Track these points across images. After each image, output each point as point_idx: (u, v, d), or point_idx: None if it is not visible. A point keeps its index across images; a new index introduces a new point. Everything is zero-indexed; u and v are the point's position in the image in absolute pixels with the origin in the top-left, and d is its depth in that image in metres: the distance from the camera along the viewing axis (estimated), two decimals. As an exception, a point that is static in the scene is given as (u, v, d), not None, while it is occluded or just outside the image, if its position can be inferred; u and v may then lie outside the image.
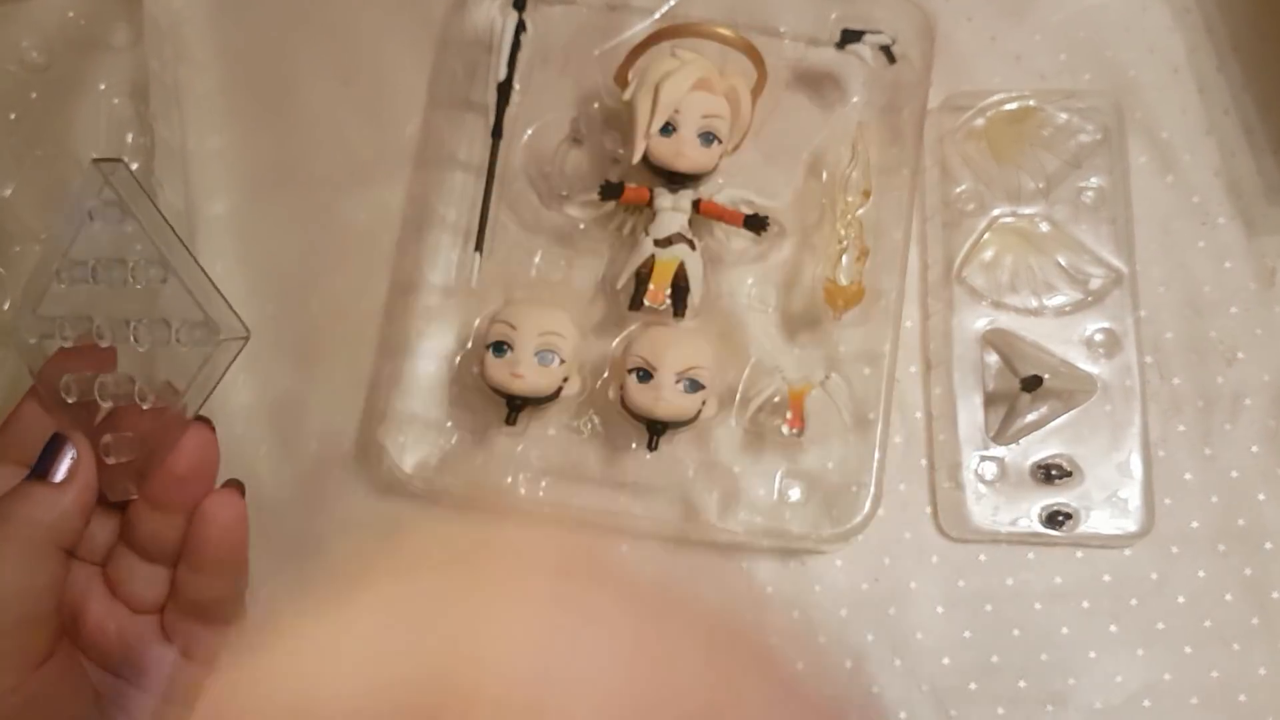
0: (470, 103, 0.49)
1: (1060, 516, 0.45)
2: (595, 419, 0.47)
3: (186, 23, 0.53)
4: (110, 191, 0.33)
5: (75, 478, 0.32)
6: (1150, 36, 0.52)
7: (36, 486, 0.32)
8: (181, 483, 0.34)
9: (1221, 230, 0.49)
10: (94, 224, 0.33)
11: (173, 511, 0.34)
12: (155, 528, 0.34)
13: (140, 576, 0.35)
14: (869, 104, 0.49)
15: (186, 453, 0.34)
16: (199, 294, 0.33)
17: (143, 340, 0.33)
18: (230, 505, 0.35)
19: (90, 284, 0.34)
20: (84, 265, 0.34)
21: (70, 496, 0.32)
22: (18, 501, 0.31)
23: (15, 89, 0.51)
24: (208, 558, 0.35)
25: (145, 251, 0.33)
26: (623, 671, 0.22)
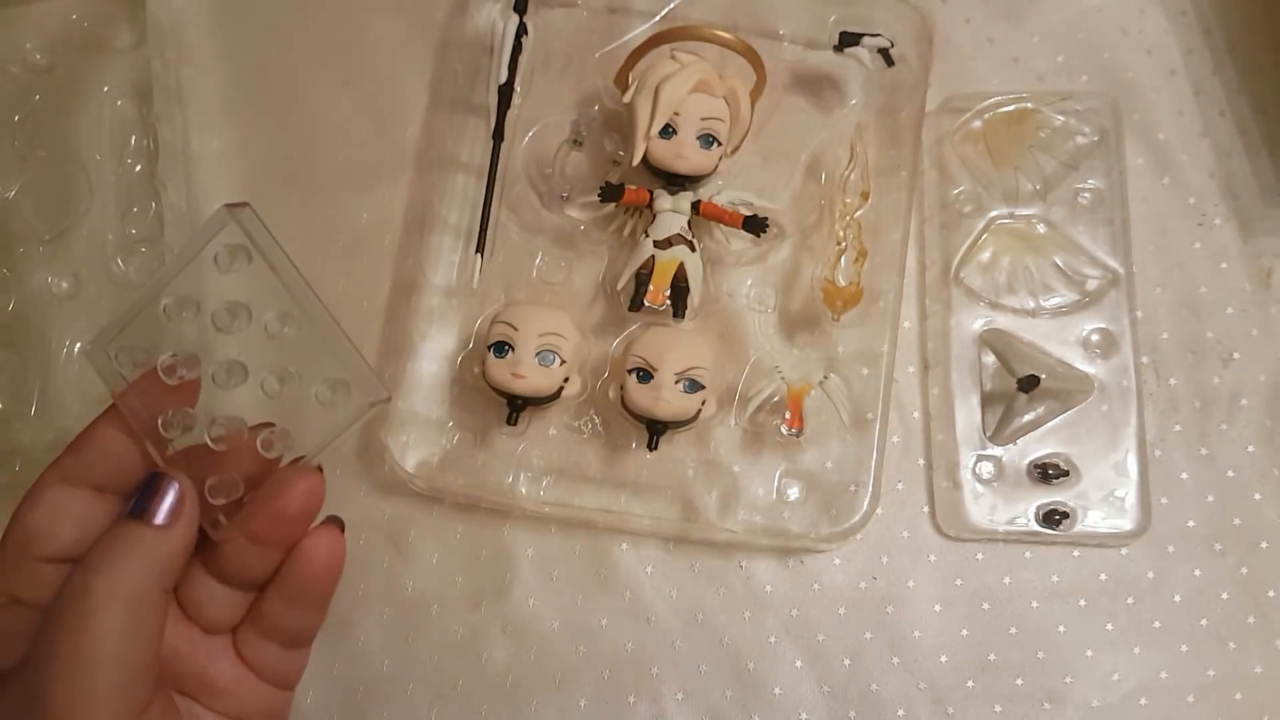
0: (471, 105, 0.50)
1: (1057, 516, 0.45)
2: (595, 419, 0.47)
3: (189, 24, 0.54)
4: (239, 234, 0.32)
5: (179, 520, 0.31)
6: (1147, 39, 0.52)
7: (141, 529, 0.30)
8: (290, 523, 0.34)
9: (1218, 231, 0.50)
10: (215, 265, 0.32)
11: (270, 547, 0.34)
12: (246, 559, 0.34)
13: (220, 600, 0.35)
14: (867, 106, 0.50)
15: (300, 496, 0.33)
16: (342, 352, 0.32)
17: (269, 388, 0.33)
18: (333, 543, 0.35)
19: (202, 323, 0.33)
20: (197, 303, 0.33)
21: (175, 539, 0.31)
22: (120, 546, 0.30)
23: (19, 90, 0.51)
24: (305, 592, 0.35)
25: (279, 301, 0.32)
26: None
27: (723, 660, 0.46)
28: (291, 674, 0.37)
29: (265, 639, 0.35)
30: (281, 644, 0.36)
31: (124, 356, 0.33)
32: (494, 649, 0.46)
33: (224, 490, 0.32)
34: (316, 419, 0.33)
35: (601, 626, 0.46)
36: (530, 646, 0.46)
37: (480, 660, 0.46)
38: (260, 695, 0.36)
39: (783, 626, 0.46)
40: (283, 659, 0.36)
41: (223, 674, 0.35)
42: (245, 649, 0.36)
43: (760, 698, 0.45)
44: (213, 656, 0.35)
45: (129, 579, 0.30)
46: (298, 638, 0.36)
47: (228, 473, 0.32)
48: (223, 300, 0.33)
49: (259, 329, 0.33)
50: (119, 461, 0.32)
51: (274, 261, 0.32)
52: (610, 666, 0.46)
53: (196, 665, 0.35)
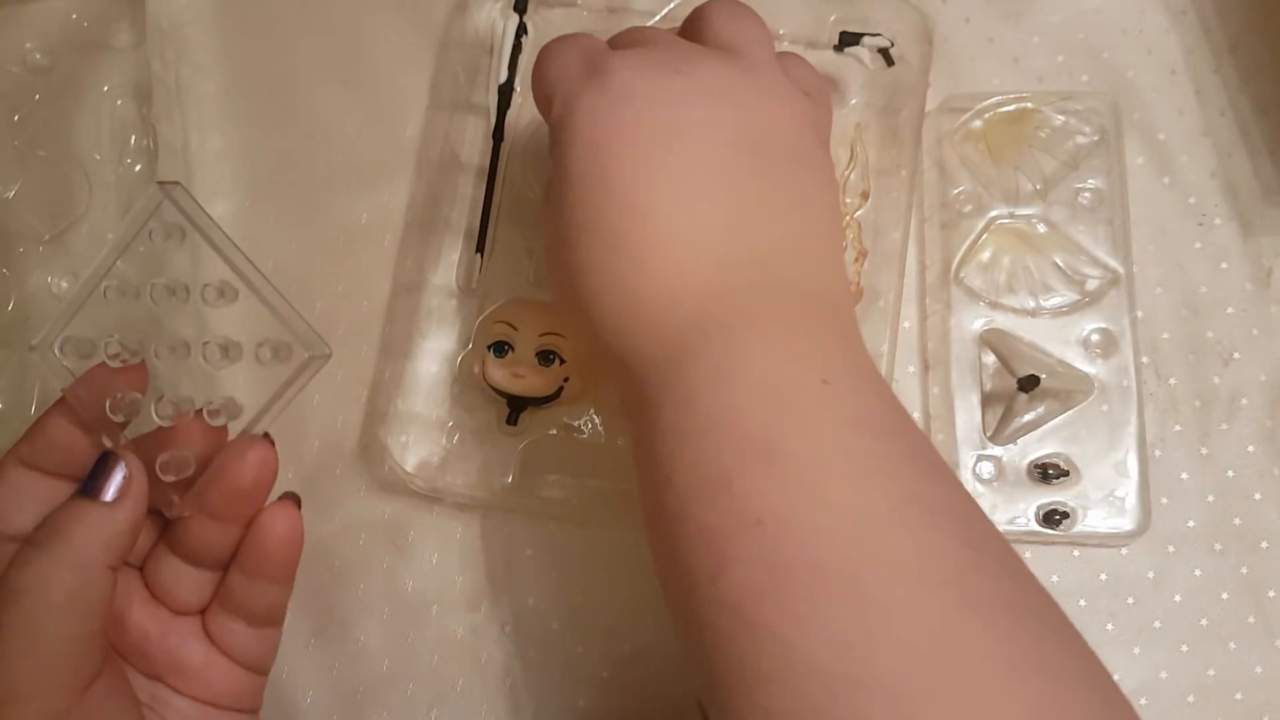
0: (471, 105, 0.50)
1: (1057, 515, 0.45)
2: (595, 419, 0.47)
3: (189, 24, 0.54)
4: (172, 211, 0.33)
5: (127, 496, 0.31)
6: (1148, 38, 0.52)
7: (88, 505, 0.31)
8: (244, 496, 0.34)
9: (1218, 231, 0.50)
10: (152, 244, 0.33)
11: (228, 521, 0.35)
12: (207, 536, 0.35)
13: (185, 580, 0.36)
14: (867, 106, 0.50)
15: (251, 468, 0.34)
16: (281, 312, 0.33)
17: (212, 359, 0.34)
18: (288, 518, 0.35)
19: (143, 304, 0.34)
20: (137, 285, 0.34)
21: (122, 515, 0.31)
22: (67, 521, 0.31)
23: (18, 90, 0.51)
24: (264, 567, 0.35)
25: (216, 271, 0.33)
26: None
27: (723, 660, 0.46)
28: (262, 656, 0.37)
29: (232, 617, 0.36)
30: (249, 621, 0.36)
31: (69, 348, 0.34)
32: (494, 649, 0.46)
33: (175, 467, 0.33)
34: (263, 384, 0.34)
35: (601, 626, 0.46)
36: (530, 646, 0.46)
37: (480, 660, 0.46)
38: (231, 677, 0.36)
39: (783, 626, 0.46)
40: (251, 638, 0.36)
41: (193, 655, 0.36)
42: (214, 629, 0.36)
43: (760, 698, 0.45)
44: (182, 637, 0.36)
45: (73, 553, 0.30)
46: (264, 615, 0.37)
47: (178, 451, 0.33)
48: (161, 279, 0.34)
49: (197, 303, 0.34)
50: (68, 451, 0.33)
51: (210, 235, 0.33)
52: (610, 666, 0.46)
53: (166, 646, 0.35)
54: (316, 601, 0.46)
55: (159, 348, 0.34)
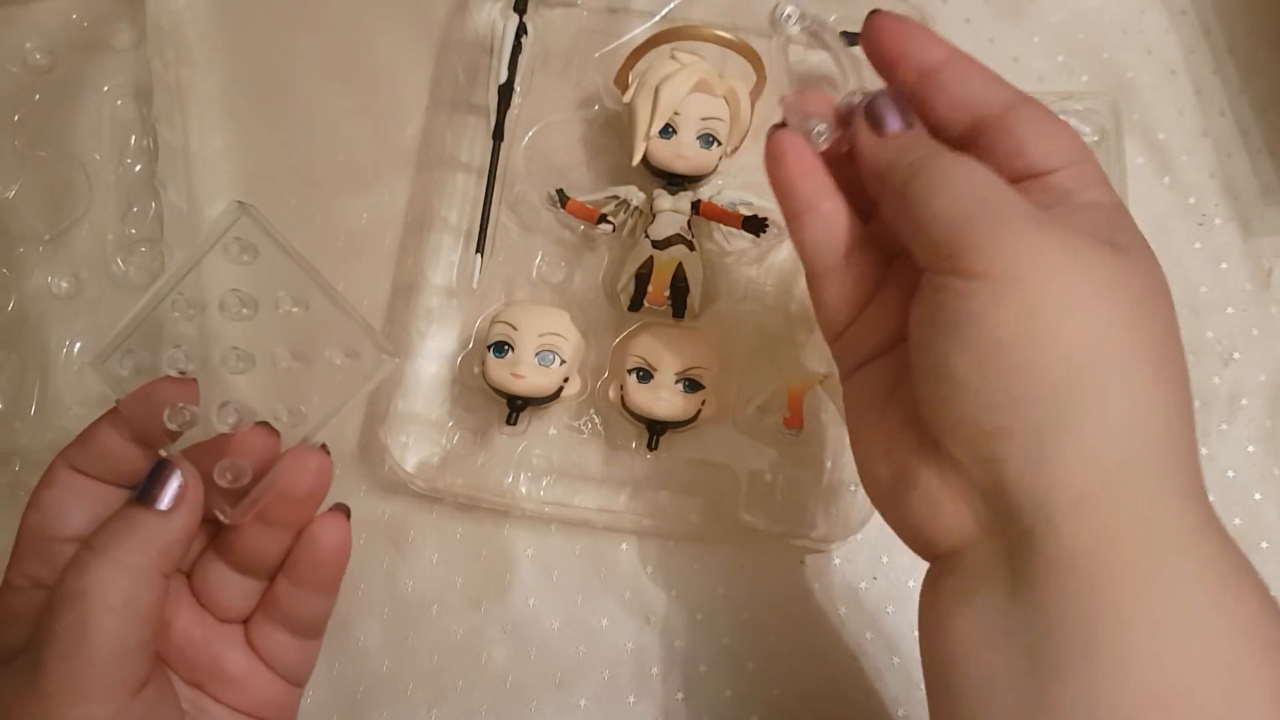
0: (471, 105, 0.50)
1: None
2: (595, 419, 0.47)
3: (189, 24, 0.54)
4: (246, 226, 0.34)
5: (182, 505, 0.32)
6: (1148, 38, 0.52)
7: (143, 513, 0.31)
8: (299, 504, 0.35)
9: (1218, 231, 0.50)
10: (223, 259, 0.34)
11: (280, 529, 0.35)
12: (257, 543, 0.35)
13: (233, 587, 0.36)
14: (868, 106, 0.50)
15: (309, 475, 0.34)
16: (355, 318, 0.34)
17: (280, 365, 0.34)
18: (339, 528, 0.36)
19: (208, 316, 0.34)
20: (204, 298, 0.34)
21: (176, 524, 0.32)
22: (122, 528, 0.31)
23: (18, 90, 0.51)
24: (313, 575, 0.36)
25: (285, 282, 0.34)
26: None
27: (723, 660, 0.46)
28: (301, 668, 0.38)
29: (276, 626, 0.36)
30: (292, 632, 0.36)
31: (126, 360, 0.34)
32: (494, 649, 0.46)
33: (232, 475, 0.33)
34: (329, 390, 0.34)
35: (601, 626, 0.46)
36: (530, 646, 0.46)
37: (480, 660, 0.46)
38: (270, 688, 0.36)
39: (783, 626, 0.46)
40: (293, 649, 0.37)
41: (234, 663, 0.36)
42: (257, 637, 0.36)
43: (760, 698, 0.45)
44: (226, 645, 0.36)
45: (128, 559, 0.31)
46: (308, 626, 0.37)
47: (236, 459, 0.33)
48: (231, 289, 0.34)
49: (269, 312, 0.34)
50: (117, 459, 0.33)
51: (287, 247, 0.34)
52: (610, 666, 0.46)
53: (209, 653, 0.35)
54: (316, 601, 0.46)
55: (227, 354, 0.34)
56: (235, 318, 0.34)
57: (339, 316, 0.34)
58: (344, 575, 0.37)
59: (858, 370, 0.35)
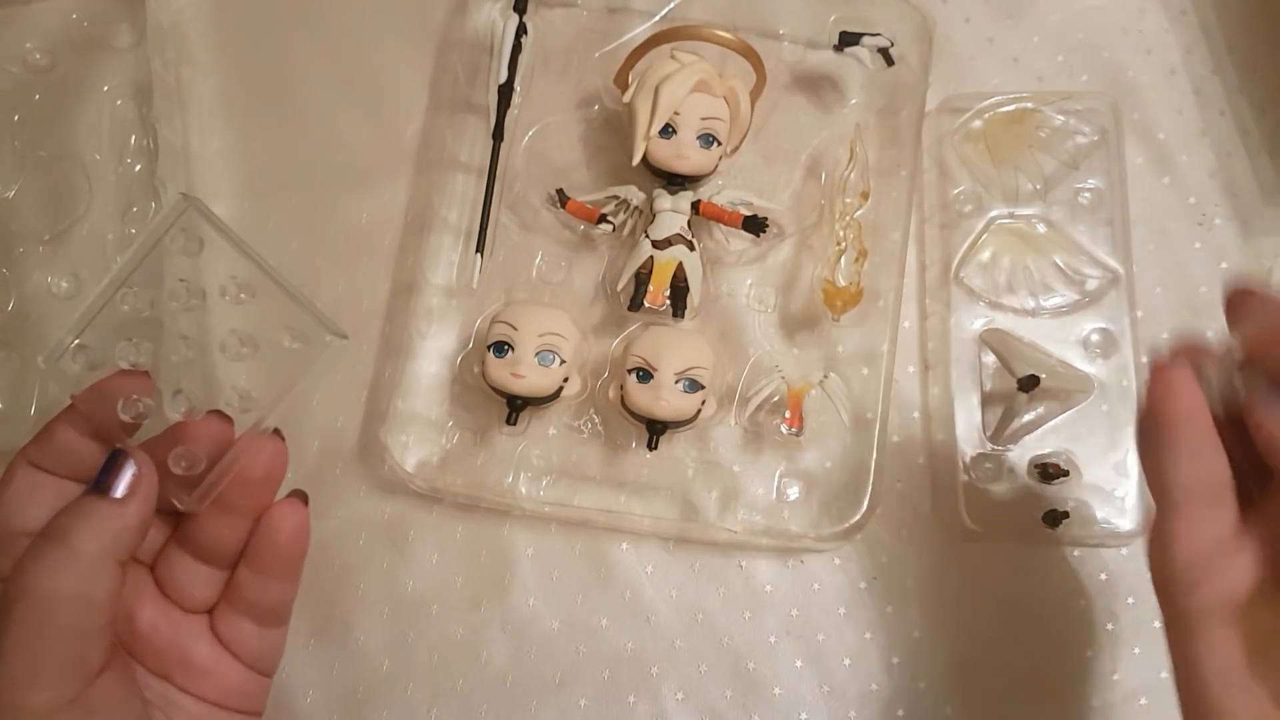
0: (471, 104, 0.50)
1: (1057, 515, 0.45)
2: (595, 419, 0.47)
3: (189, 24, 0.54)
4: (190, 219, 0.34)
5: (136, 493, 0.32)
6: (1147, 38, 0.52)
7: (97, 502, 0.32)
8: (254, 488, 0.35)
9: (1218, 231, 0.50)
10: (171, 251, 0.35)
11: (238, 516, 0.36)
12: (217, 531, 0.35)
13: (195, 577, 0.36)
14: (867, 106, 0.50)
15: (263, 460, 0.35)
16: (302, 301, 0.34)
17: (231, 352, 0.35)
18: (295, 514, 0.36)
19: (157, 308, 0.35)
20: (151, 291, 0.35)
21: (131, 511, 0.32)
22: (77, 517, 0.32)
23: (18, 90, 0.51)
24: (272, 562, 0.36)
25: (233, 270, 0.35)
26: None
27: (723, 660, 0.46)
28: (267, 656, 0.38)
29: (240, 615, 0.37)
30: (256, 620, 0.37)
31: (79, 356, 0.35)
32: (494, 649, 0.46)
33: (186, 462, 0.33)
34: (280, 373, 0.35)
35: (601, 626, 0.46)
36: (530, 646, 0.46)
37: (480, 660, 0.46)
38: (237, 678, 0.37)
39: (783, 626, 0.46)
40: (258, 637, 0.37)
41: (200, 653, 0.36)
42: (222, 627, 0.37)
43: (760, 698, 0.45)
44: (191, 635, 0.36)
45: (82, 546, 0.31)
46: (271, 613, 0.37)
47: (190, 447, 0.34)
48: (180, 279, 0.35)
49: (217, 301, 0.35)
50: (76, 455, 0.34)
51: (233, 237, 0.35)
52: (610, 666, 0.46)
53: (175, 643, 0.36)
54: (316, 601, 0.46)
55: (174, 347, 0.35)
56: (185, 308, 0.35)
57: (287, 302, 0.34)
58: (304, 559, 0.37)
59: (1214, 620, 0.32)
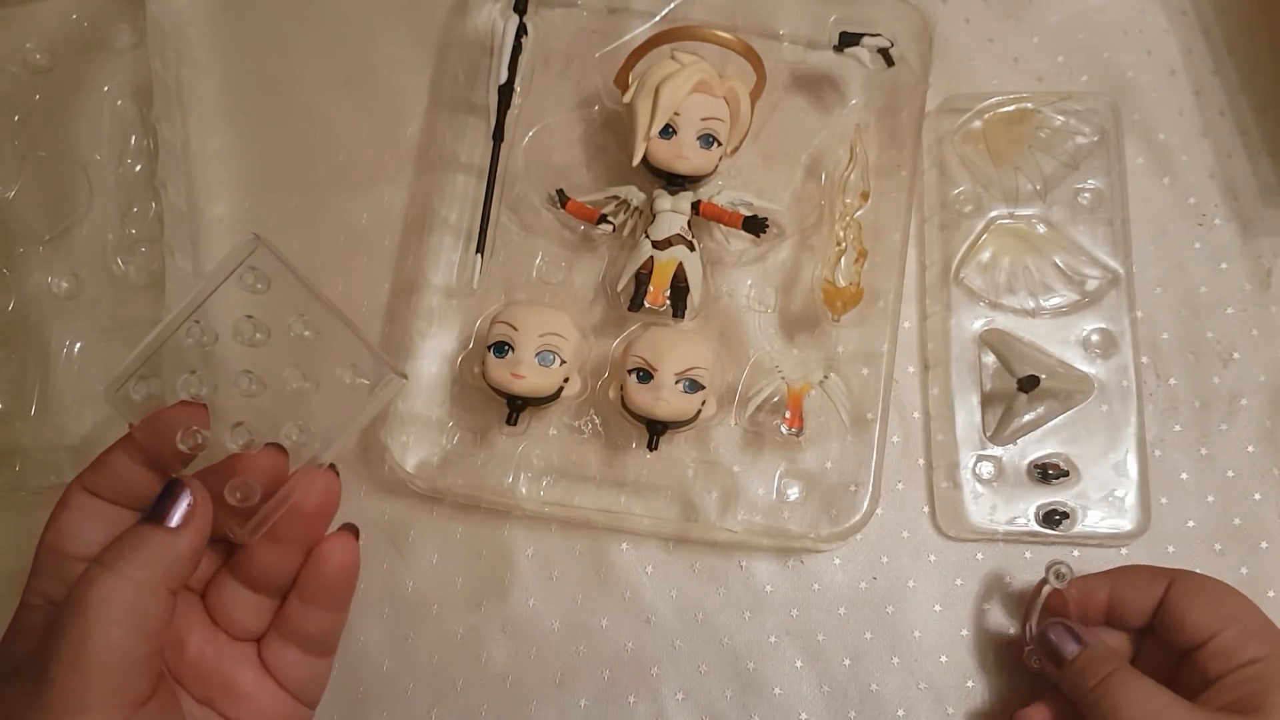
0: (471, 105, 0.50)
1: (1057, 516, 0.45)
2: (595, 419, 0.47)
3: (189, 24, 0.54)
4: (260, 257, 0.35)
5: (190, 523, 0.32)
6: (1147, 39, 0.52)
7: (152, 530, 0.32)
8: (307, 521, 0.36)
9: (1218, 231, 0.50)
10: (238, 288, 0.35)
11: (289, 547, 0.36)
12: (268, 561, 0.36)
13: (245, 606, 0.37)
14: (867, 106, 0.50)
15: (316, 494, 0.35)
16: (364, 340, 0.35)
17: (291, 387, 0.35)
18: (347, 547, 0.37)
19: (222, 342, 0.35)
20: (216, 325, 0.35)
21: (185, 541, 0.32)
22: (132, 545, 0.32)
23: (18, 90, 0.51)
24: (321, 593, 0.36)
25: (297, 307, 0.35)
26: None
27: (723, 660, 0.46)
28: (312, 686, 0.38)
29: (288, 644, 0.37)
30: (303, 649, 0.37)
31: (140, 386, 0.35)
32: (494, 649, 0.46)
33: (241, 494, 0.34)
34: (338, 410, 0.35)
35: (601, 626, 0.46)
36: (530, 646, 0.46)
37: (480, 660, 0.46)
38: (281, 706, 0.37)
39: (783, 626, 0.46)
40: (304, 667, 0.37)
41: (246, 680, 0.36)
42: (269, 655, 0.37)
43: (760, 698, 0.45)
44: (238, 662, 0.36)
45: (135, 573, 0.31)
46: (319, 643, 0.37)
47: (245, 478, 0.34)
48: (245, 315, 0.35)
49: (281, 337, 0.35)
50: (131, 484, 0.34)
51: (299, 275, 0.35)
52: (610, 666, 0.46)
53: (221, 670, 0.36)
54: (317, 601, 0.46)
55: (236, 381, 0.35)
56: (248, 343, 0.35)
57: (349, 339, 0.35)
58: (353, 591, 0.37)
59: None
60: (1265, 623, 0.39)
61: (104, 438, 0.47)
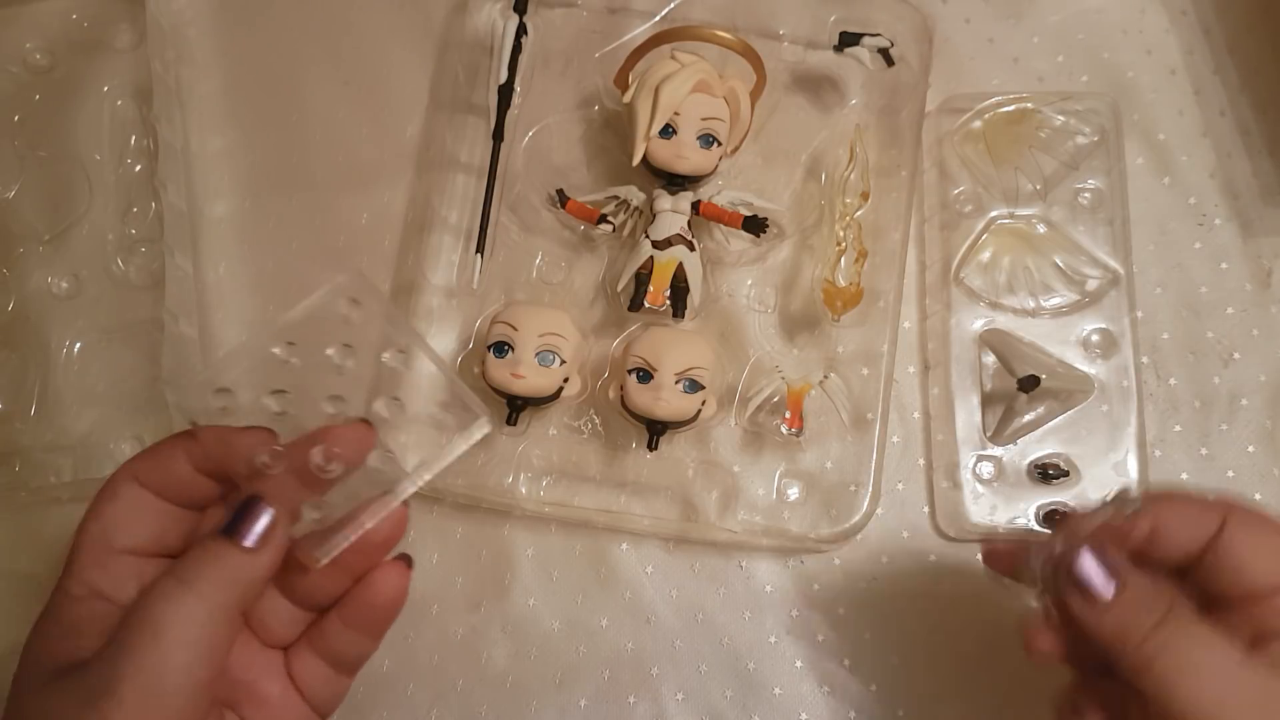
0: (471, 105, 0.50)
1: (1057, 516, 0.45)
2: (595, 419, 0.47)
3: (189, 25, 0.54)
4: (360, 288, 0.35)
5: (267, 544, 0.32)
6: (1148, 39, 0.52)
7: (229, 549, 0.31)
8: (370, 551, 0.35)
9: (1218, 231, 0.50)
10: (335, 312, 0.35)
11: (344, 570, 0.35)
12: (318, 580, 0.35)
13: (282, 616, 0.36)
14: (867, 106, 0.50)
15: (389, 525, 0.34)
16: (456, 383, 0.35)
17: (380, 414, 0.35)
18: (399, 578, 0.36)
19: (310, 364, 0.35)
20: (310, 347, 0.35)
21: (262, 563, 0.32)
22: (209, 564, 0.31)
23: (19, 90, 0.51)
24: (366, 619, 0.36)
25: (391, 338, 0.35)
26: None
27: (723, 660, 0.46)
28: (332, 701, 0.37)
29: (318, 658, 0.36)
30: (332, 665, 0.36)
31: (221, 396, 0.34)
32: (494, 649, 0.46)
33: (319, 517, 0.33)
34: (420, 446, 0.35)
35: (601, 626, 0.46)
36: (530, 646, 0.46)
37: (480, 660, 0.46)
38: (298, 716, 0.36)
39: (783, 626, 0.46)
40: (329, 682, 0.37)
41: (271, 688, 0.35)
42: (297, 666, 0.36)
43: (760, 698, 0.45)
44: (265, 669, 0.36)
45: (212, 595, 0.31)
46: (348, 663, 0.37)
47: (325, 498, 0.33)
48: (343, 344, 0.35)
49: (370, 366, 0.35)
50: (186, 485, 0.33)
51: (391, 310, 0.36)
52: (610, 666, 0.46)
53: (248, 676, 0.35)
54: (316, 601, 0.46)
55: (323, 407, 0.35)
56: (339, 371, 0.35)
57: (440, 380, 0.35)
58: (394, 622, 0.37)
59: None
60: None
61: (104, 438, 0.47)
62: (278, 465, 0.33)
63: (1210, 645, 0.30)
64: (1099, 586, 0.31)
